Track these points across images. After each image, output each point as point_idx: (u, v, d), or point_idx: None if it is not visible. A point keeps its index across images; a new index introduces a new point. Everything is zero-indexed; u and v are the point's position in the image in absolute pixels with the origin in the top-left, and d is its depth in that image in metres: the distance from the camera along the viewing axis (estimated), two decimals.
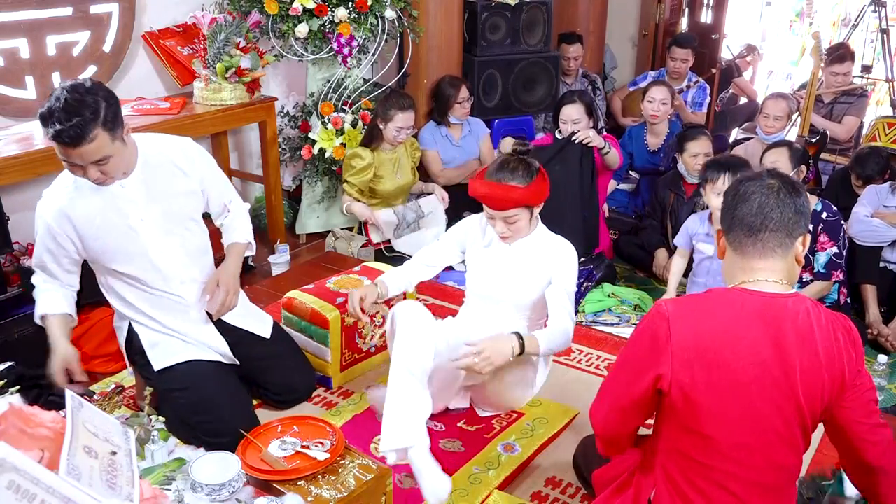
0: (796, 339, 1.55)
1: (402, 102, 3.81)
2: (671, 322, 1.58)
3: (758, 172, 1.69)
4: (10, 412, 1.18)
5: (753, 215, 1.60)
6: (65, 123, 2.04)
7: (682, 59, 5.02)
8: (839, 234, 3.32)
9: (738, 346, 1.55)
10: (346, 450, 2.15)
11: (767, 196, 1.60)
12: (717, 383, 1.55)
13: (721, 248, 1.71)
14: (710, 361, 1.55)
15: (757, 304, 1.58)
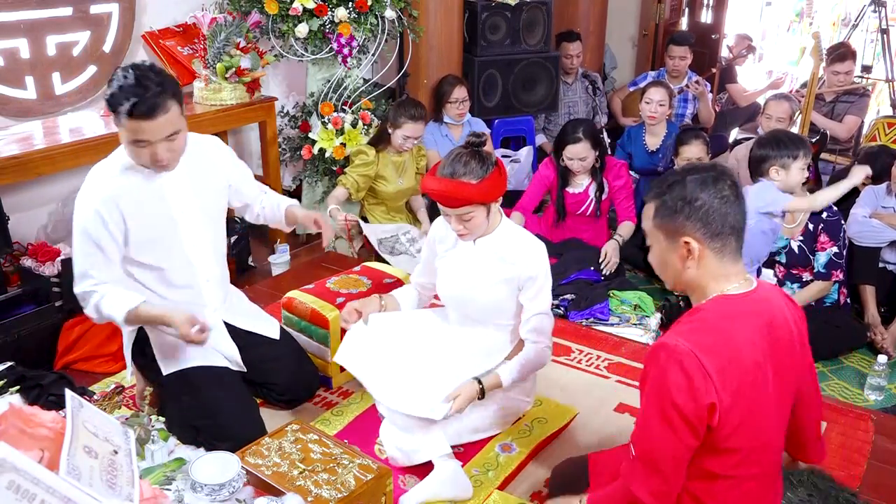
0: (785, 331, 1.64)
1: (413, 112, 3.81)
2: (698, 355, 1.53)
3: (695, 171, 1.65)
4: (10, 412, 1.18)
5: (736, 213, 1.62)
6: (141, 96, 2.07)
7: (679, 57, 5.03)
8: (839, 233, 3.32)
9: (753, 352, 1.58)
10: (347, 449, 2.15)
11: (736, 198, 1.62)
12: (744, 396, 1.57)
13: (699, 256, 1.63)
14: (738, 378, 1.56)
15: (750, 307, 1.61)
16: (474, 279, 2.43)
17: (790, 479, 2.29)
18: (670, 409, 1.55)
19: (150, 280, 2.40)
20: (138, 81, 2.09)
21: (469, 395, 2.32)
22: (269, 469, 2.11)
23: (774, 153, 3.03)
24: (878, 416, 2.80)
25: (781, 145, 3.02)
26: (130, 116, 2.10)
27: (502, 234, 2.42)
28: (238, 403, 2.44)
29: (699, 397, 1.53)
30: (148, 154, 2.18)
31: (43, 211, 3.44)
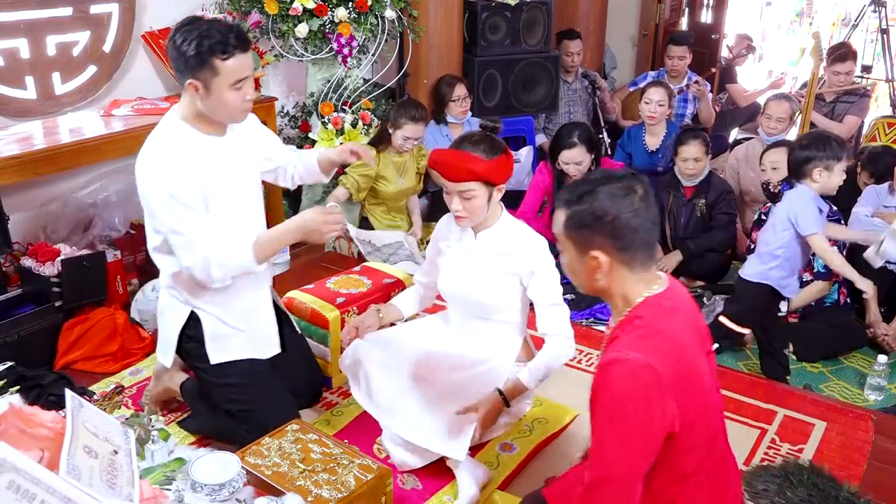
0: (697, 315, 1.73)
1: (413, 113, 3.81)
2: (652, 363, 1.52)
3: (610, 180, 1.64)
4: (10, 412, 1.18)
5: (649, 231, 1.63)
6: (233, 29, 2.12)
7: (678, 57, 5.03)
8: None
9: (691, 345, 1.63)
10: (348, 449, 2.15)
11: (651, 206, 1.63)
12: (694, 392, 1.59)
13: (609, 269, 1.63)
14: (687, 375, 1.58)
15: (674, 303, 1.66)
16: (476, 274, 2.43)
17: (790, 479, 2.29)
18: (626, 422, 1.52)
19: None
20: (216, 22, 2.13)
21: (492, 409, 2.29)
22: (269, 469, 2.11)
23: (820, 154, 2.90)
24: (878, 416, 2.80)
25: (827, 146, 2.91)
26: (234, 52, 2.10)
27: (503, 228, 2.42)
28: (281, 396, 2.44)
29: (660, 406, 1.52)
30: (241, 98, 2.17)
31: (43, 211, 3.43)
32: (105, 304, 3.15)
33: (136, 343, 3.11)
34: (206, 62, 2.10)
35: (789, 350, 3.33)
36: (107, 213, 3.44)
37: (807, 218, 2.87)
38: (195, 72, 2.11)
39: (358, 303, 2.89)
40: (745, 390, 2.95)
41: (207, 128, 2.24)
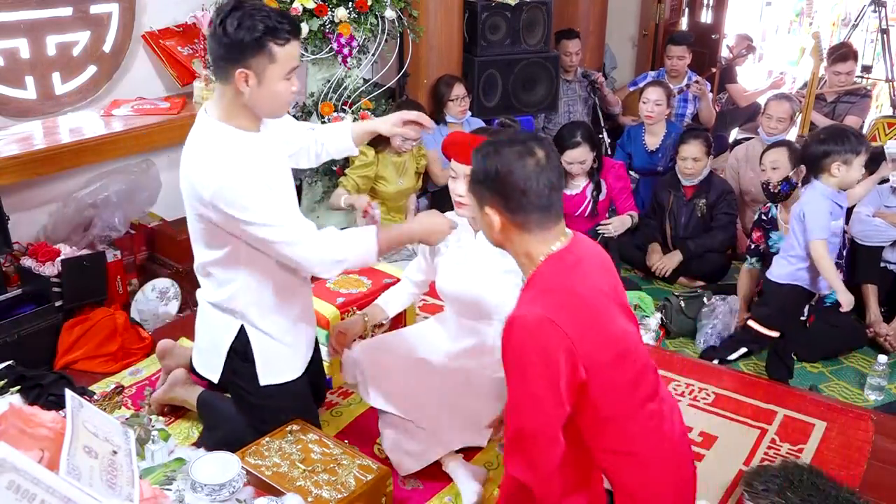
0: (598, 260, 1.76)
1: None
2: (551, 317, 1.55)
3: (511, 139, 1.67)
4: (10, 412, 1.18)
5: (547, 196, 1.64)
6: (286, 15, 2.01)
7: (677, 57, 5.03)
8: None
9: (596, 290, 1.66)
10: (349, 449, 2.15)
11: (549, 171, 1.64)
12: (599, 341, 1.61)
13: (501, 230, 1.68)
14: (589, 327, 1.60)
15: (577, 255, 1.69)
16: (475, 274, 2.43)
17: (790, 479, 2.29)
18: (534, 378, 1.56)
19: None
20: (263, 6, 1.99)
21: None
22: (269, 469, 2.11)
23: (838, 148, 2.85)
24: (878, 416, 2.80)
25: (845, 140, 2.85)
26: (290, 38, 1.99)
27: None
28: (313, 421, 2.42)
29: (563, 358, 1.55)
30: (290, 89, 2.07)
31: (43, 211, 3.43)
32: (105, 304, 3.15)
33: (136, 343, 3.11)
34: (263, 47, 1.96)
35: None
36: (107, 213, 3.44)
37: (816, 221, 2.85)
38: (248, 59, 1.97)
39: (358, 303, 2.89)
40: (745, 390, 2.95)
41: (244, 124, 2.10)
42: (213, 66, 2.05)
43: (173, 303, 3.42)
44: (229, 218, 2.02)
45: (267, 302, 2.23)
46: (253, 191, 2.00)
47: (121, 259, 3.41)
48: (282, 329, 2.28)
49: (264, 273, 2.19)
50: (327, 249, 2.08)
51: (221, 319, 2.27)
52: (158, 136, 3.38)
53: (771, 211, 3.51)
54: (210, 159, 2.03)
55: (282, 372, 2.31)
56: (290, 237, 2.04)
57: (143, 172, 3.63)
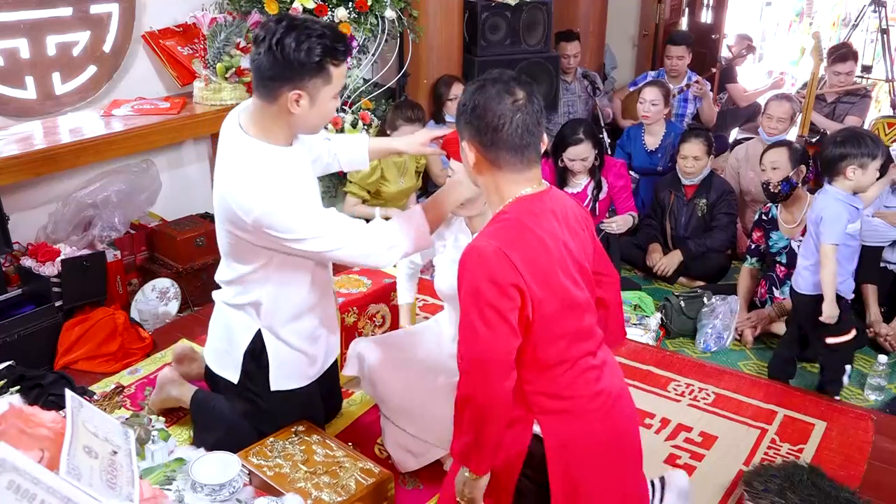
0: (575, 216, 1.78)
1: (409, 114, 3.81)
2: (504, 249, 1.60)
3: (496, 80, 1.68)
4: (10, 412, 1.18)
5: (520, 136, 1.65)
6: (339, 34, 1.99)
7: (677, 57, 5.03)
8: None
9: (554, 239, 1.68)
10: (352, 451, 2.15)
11: (525, 113, 1.65)
12: (550, 287, 1.65)
13: (475, 164, 1.71)
14: (542, 270, 1.64)
15: (547, 204, 1.71)
16: None
17: (791, 479, 2.29)
18: (486, 307, 1.59)
19: (313, 264, 2.25)
20: (316, 22, 1.97)
21: None
22: (271, 470, 2.11)
23: (855, 151, 2.82)
24: (878, 416, 2.80)
25: (862, 143, 2.82)
26: (344, 58, 1.99)
27: None
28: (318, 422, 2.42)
29: (513, 289, 1.59)
30: (336, 105, 2.08)
31: (43, 211, 3.43)
32: (105, 304, 3.15)
33: (135, 343, 3.11)
34: (323, 69, 1.94)
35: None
36: (107, 213, 3.44)
37: (832, 226, 2.81)
38: (305, 80, 1.94)
39: (358, 303, 2.89)
40: (745, 390, 2.95)
41: (280, 140, 2.08)
42: (259, 83, 1.99)
43: (173, 303, 3.42)
44: (274, 239, 2.02)
45: (289, 312, 2.23)
46: (295, 211, 2.00)
47: (121, 259, 3.41)
48: (300, 338, 2.27)
49: (290, 286, 2.20)
50: (377, 241, 2.08)
51: (239, 322, 2.26)
52: (158, 136, 3.38)
53: (771, 211, 3.51)
54: (250, 183, 2.00)
55: (293, 378, 2.30)
56: (338, 242, 2.04)
57: (143, 172, 3.63)
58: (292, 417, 2.32)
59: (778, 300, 3.49)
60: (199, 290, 3.54)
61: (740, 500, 2.33)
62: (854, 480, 2.43)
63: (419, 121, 3.84)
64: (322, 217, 2.06)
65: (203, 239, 3.55)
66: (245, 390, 2.31)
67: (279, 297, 2.19)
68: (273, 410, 2.30)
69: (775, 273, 3.52)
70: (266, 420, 2.31)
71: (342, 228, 2.06)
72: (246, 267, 2.16)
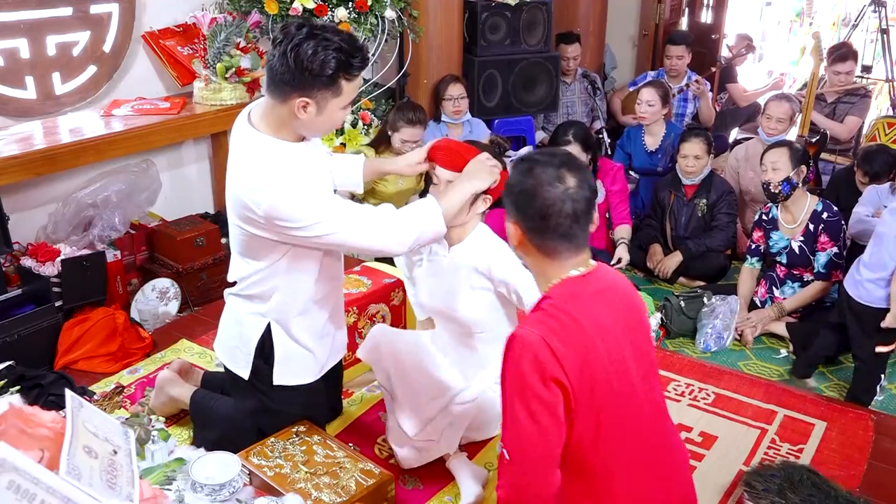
0: (630, 299, 1.70)
1: (410, 116, 3.80)
2: (548, 340, 1.52)
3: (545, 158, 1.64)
4: (10, 412, 1.18)
5: (569, 226, 1.59)
6: (359, 47, 1.97)
7: (677, 57, 5.03)
8: (839, 234, 3.32)
9: (604, 333, 1.59)
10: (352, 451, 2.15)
11: (575, 201, 1.59)
12: (595, 377, 1.56)
13: (519, 244, 1.66)
14: (589, 354, 1.55)
15: (595, 286, 1.64)
16: (450, 290, 2.40)
17: (790, 479, 2.29)
18: (531, 399, 1.52)
19: (330, 258, 2.26)
20: (335, 32, 1.94)
21: None
22: (271, 470, 2.11)
23: None
24: (878, 416, 2.80)
25: None
26: (359, 72, 1.97)
27: (475, 242, 2.38)
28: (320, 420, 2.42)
29: (557, 382, 1.52)
30: (345, 115, 2.07)
31: (43, 211, 3.43)
32: (105, 304, 3.15)
33: (135, 343, 3.11)
34: (335, 82, 1.95)
35: (789, 350, 3.33)
36: (107, 213, 3.44)
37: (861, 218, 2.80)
38: (314, 90, 1.95)
39: (358, 303, 2.89)
40: (745, 390, 2.95)
41: (292, 137, 2.08)
42: (271, 83, 1.99)
43: (173, 303, 3.42)
44: (286, 232, 2.02)
45: (299, 308, 2.23)
46: (303, 200, 1.99)
47: (121, 259, 3.41)
48: (309, 333, 2.27)
49: (301, 283, 2.20)
50: (389, 225, 2.06)
51: (250, 317, 2.26)
52: (158, 136, 3.39)
53: (771, 211, 3.52)
54: (260, 176, 2.00)
55: (297, 374, 2.30)
56: (352, 233, 2.03)
57: (143, 172, 3.63)
58: (296, 416, 2.32)
59: (778, 300, 3.49)
60: (199, 290, 3.54)
61: (740, 500, 2.33)
62: (854, 480, 2.43)
63: (420, 122, 3.83)
64: (331, 205, 2.05)
65: (203, 239, 3.55)
66: (252, 387, 2.31)
67: (290, 292, 2.20)
68: (277, 408, 2.30)
69: (775, 273, 3.52)
70: (270, 418, 2.31)
71: (352, 215, 2.05)
72: (259, 263, 2.17)
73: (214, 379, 2.62)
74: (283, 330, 2.24)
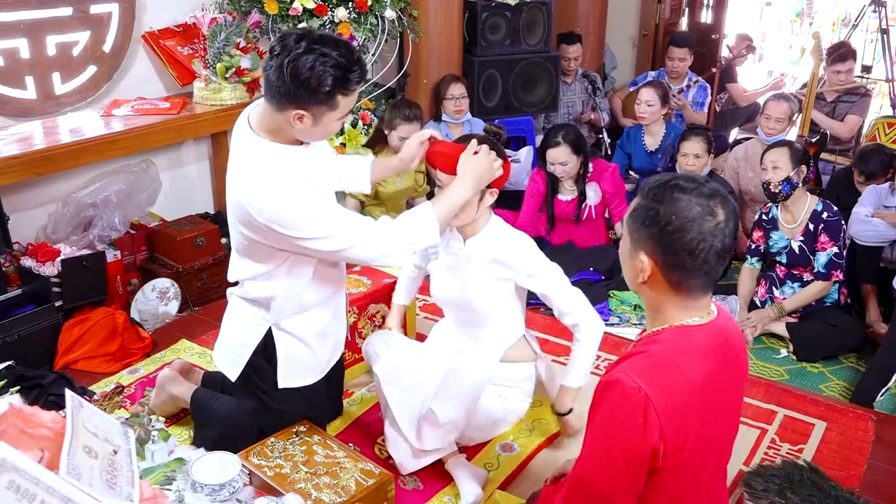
0: (738, 356, 1.60)
1: (407, 113, 3.81)
2: (651, 396, 1.42)
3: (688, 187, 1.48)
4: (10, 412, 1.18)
5: (714, 263, 1.47)
6: (358, 60, 1.96)
7: (679, 59, 5.03)
8: (839, 234, 3.32)
9: (708, 396, 1.50)
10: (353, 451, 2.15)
11: (724, 237, 1.46)
12: (695, 431, 1.49)
13: (650, 278, 1.52)
14: (684, 419, 1.47)
15: (710, 340, 1.53)
16: (467, 281, 2.42)
17: (790, 479, 2.29)
18: (617, 450, 1.46)
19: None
20: (334, 44, 1.92)
21: (566, 426, 2.51)
22: (271, 470, 2.11)
23: None
24: (878, 416, 2.80)
25: None
26: (357, 87, 1.97)
27: (491, 234, 2.41)
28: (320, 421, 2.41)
29: (647, 441, 1.43)
30: (340, 125, 2.07)
31: (43, 211, 3.44)
32: (105, 304, 3.15)
33: (135, 343, 3.11)
34: (331, 98, 1.94)
35: (789, 350, 3.34)
36: (107, 213, 3.44)
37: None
38: (309, 104, 1.94)
39: (358, 303, 2.89)
40: (746, 390, 2.94)
41: (291, 141, 2.08)
42: (268, 92, 1.98)
43: (173, 303, 3.42)
44: (286, 238, 2.01)
45: (301, 308, 2.23)
46: (306, 210, 1.99)
47: (121, 259, 3.41)
48: (311, 333, 2.27)
49: (303, 285, 2.20)
50: (389, 240, 2.06)
51: (251, 317, 2.26)
52: (158, 136, 3.39)
53: (771, 211, 3.51)
54: (261, 183, 1.99)
55: (301, 376, 2.30)
56: (350, 242, 2.03)
57: (143, 172, 3.63)
58: (297, 415, 2.32)
59: (778, 300, 3.49)
60: (199, 290, 3.54)
61: (740, 500, 2.33)
62: (854, 480, 2.43)
63: (417, 119, 3.84)
64: (334, 216, 2.05)
65: (203, 239, 3.55)
66: (254, 387, 2.31)
67: (292, 292, 2.20)
68: (280, 408, 2.30)
69: (775, 273, 3.52)
70: (272, 417, 2.31)
71: (354, 227, 2.05)
72: (260, 266, 2.17)
73: (215, 378, 2.62)
74: (286, 332, 2.24)
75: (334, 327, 2.36)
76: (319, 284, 2.23)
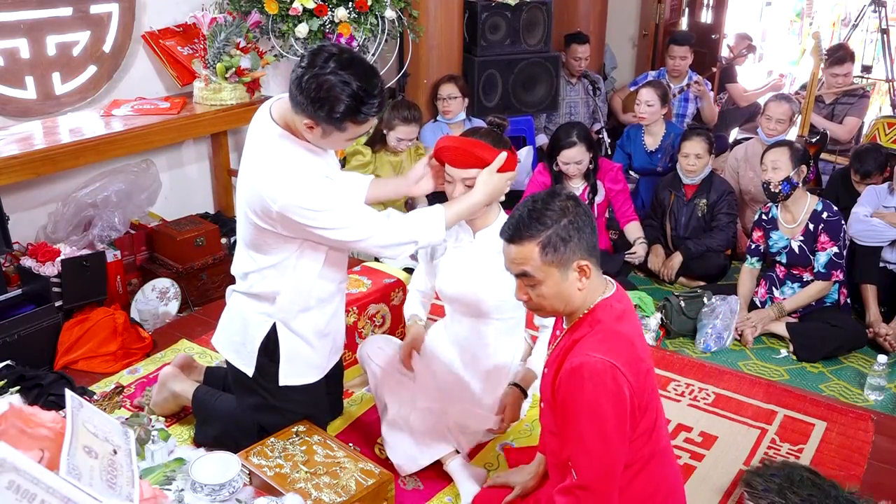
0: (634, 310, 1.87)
1: (406, 114, 3.82)
2: (615, 363, 1.64)
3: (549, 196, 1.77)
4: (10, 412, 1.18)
5: (595, 235, 1.77)
6: (380, 92, 2.00)
7: (680, 57, 5.03)
8: (839, 234, 3.32)
9: (641, 342, 1.78)
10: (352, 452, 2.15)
11: (584, 213, 1.76)
12: (644, 384, 1.72)
13: (577, 280, 1.75)
14: (638, 370, 1.70)
15: (624, 305, 1.80)
16: (475, 275, 2.43)
17: (791, 478, 2.29)
18: (607, 425, 1.64)
19: (337, 254, 2.29)
20: (362, 71, 1.97)
21: (516, 402, 2.44)
22: (271, 470, 2.11)
23: None
24: (878, 416, 2.80)
25: None
26: (371, 118, 2.03)
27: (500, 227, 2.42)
28: (321, 421, 2.42)
29: (627, 402, 1.65)
30: (351, 142, 2.17)
31: (43, 211, 3.43)
32: (105, 304, 3.15)
33: (135, 343, 3.11)
34: (341, 123, 1.99)
35: (789, 350, 3.34)
36: (107, 213, 3.44)
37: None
38: (321, 121, 1.99)
39: (358, 303, 2.89)
40: (745, 390, 2.95)
41: (301, 137, 2.11)
42: (289, 93, 2.02)
43: (173, 303, 3.42)
44: (300, 227, 2.06)
45: (305, 306, 2.25)
46: (321, 200, 2.04)
47: (121, 259, 3.41)
48: (313, 331, 2.28)
49: (308, 281, 2.22)
50: (399, 235, 2.14)
51: (256, 314, 2.27)
52: (158, 136, 3.38)
53: (771, 211, 3.51)
54: (278, 172, 2.04)
55: (302, 374, 2.31)
56: (362, 234, 2.10)
57: (143, 172, 3.63)
58: (298, 413, 2.33)
59: (778, 300, 3.49)
60: (199, 290, 3.54)
61: (740, 500, 2.33)
62: (854, 480, 2.43)
63: (415, 120, 3.84)
64: (349, 208, 2.11)
65: (203, 239, 3.55)
66: (256, 384, 2.32)
67: (298, 287, 2.21)
68: (281, 406, 2.31)
69: (775, 273, 3.52)
70: (273, 415, 2.31)
71: (368, 221, 2.11)
72: (266, 259, 2.19)
73: (217, 375, 2.62)
74: (289, 329, 2.25)
75: (335, 326, 2.37)
76: (324, 282, 2.24)
